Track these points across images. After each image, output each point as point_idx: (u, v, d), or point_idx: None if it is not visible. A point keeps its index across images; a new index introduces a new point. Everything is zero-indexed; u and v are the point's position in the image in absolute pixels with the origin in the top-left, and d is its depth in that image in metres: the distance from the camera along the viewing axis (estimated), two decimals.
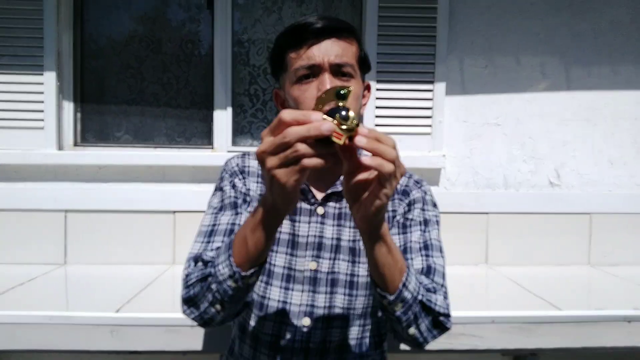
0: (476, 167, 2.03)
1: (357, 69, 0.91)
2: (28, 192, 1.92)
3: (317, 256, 0.94)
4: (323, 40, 0.87)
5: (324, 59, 0.86)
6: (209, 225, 0.93)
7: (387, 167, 0.62)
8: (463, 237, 1.99)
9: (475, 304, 1.52)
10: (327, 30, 0.87)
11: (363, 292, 0.94)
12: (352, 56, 0.89)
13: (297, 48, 0.88)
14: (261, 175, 0.99)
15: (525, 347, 1.37)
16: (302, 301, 0.93)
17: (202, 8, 2.06)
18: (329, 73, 0.86)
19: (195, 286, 0.82)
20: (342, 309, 0.93)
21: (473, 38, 1.99)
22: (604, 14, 2.01)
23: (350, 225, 0.96)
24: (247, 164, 1.00)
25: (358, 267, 0.94)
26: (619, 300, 1.57)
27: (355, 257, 0.95)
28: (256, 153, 0.64)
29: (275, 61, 0.94)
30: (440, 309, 0.85)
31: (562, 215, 2.01)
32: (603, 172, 2.05)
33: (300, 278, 0.93)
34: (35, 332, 1.31)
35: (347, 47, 0.89)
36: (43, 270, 1.82)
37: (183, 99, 2.08)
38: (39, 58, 1.90)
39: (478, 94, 2.01)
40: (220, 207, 0.95)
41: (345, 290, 0.93)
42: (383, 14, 1.95)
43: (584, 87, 2.03)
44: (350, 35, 0.90)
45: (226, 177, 0.98)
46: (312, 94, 0.86)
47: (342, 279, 0.93)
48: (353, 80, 0.89)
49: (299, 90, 0.88)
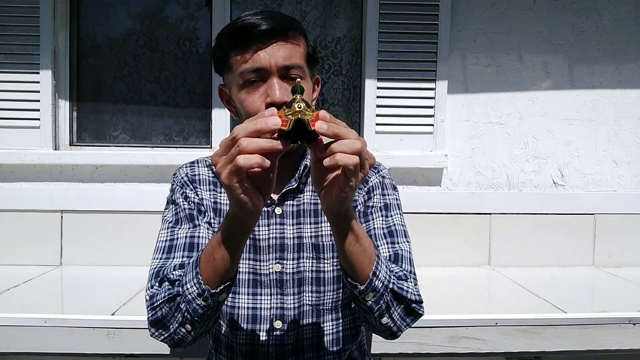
0: (478, 166, 2.01)
1: (305, 69, 0.90)
2: (23, 192, 1.90)
3: (281, 258, 0.93)
4: (269, 43, 0.84)
5: (271, 63, 0.84)
6: (166, 240, 0.90)
7: (349, 160, 0.62)
8: (465, 238, 1.97)
9: (478, 307, 1.51)
10: (274, 32, 0.84)
11: (331, 287, 0.94)
12: (300, 56, 0.88)
13: (242, 51, 0.85)
14: (213, 182, 0.97)
15: (529, 350, 1.36)
16: (272, 305, 0.92)
17: (201, 5, 2.04)
18: (277, 77, 0.85)
19: (162, 307, 0.79)
20: (311, 306, 0.93)
21: (475, 36, 1.97)
22: (607, 12, 1.99)
23: (311, 221, 0.95)
24: (197, 172, 0.98)
25: (323, 263, 0.93)
26: (624, 302, 1.55)
27: (319, 253, 0.94)
28: (211, 157, 0.64)
29: (219, 60, 0.91)
30: (412, 296, 0.84)
31: (565, 216, 1.99)
32: (607, 172, 2.03)
33: (267, 282, 0.92)
34: (30, 335, 1.29)
35: (295, 48, 0.87)
36: (38, 272, 1.80)
37: (181, 97, 2.06)
38: (35, 56, 1.88)
39: (480, 93, 1.99)
40: (175, 221, 0.92)
41: (313, 288, 0.93)
42: (384, 12, 1.93)
43: (588, 85, 2.01)
44: (297, 34, 0.88)
45: (177, 188, 0.95)
46: (260, 99, 0.85)
47: (308, 276, 0.93)
48: (302, 81, 0.88)
49: (246, 94, 0.86)
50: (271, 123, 0.60)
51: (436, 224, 1.96)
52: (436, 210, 1.96)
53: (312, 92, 0.94)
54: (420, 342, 1.33)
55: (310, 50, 0.92)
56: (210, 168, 0.99)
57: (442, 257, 1.96)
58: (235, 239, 0.71)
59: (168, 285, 0.81)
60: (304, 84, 0.88)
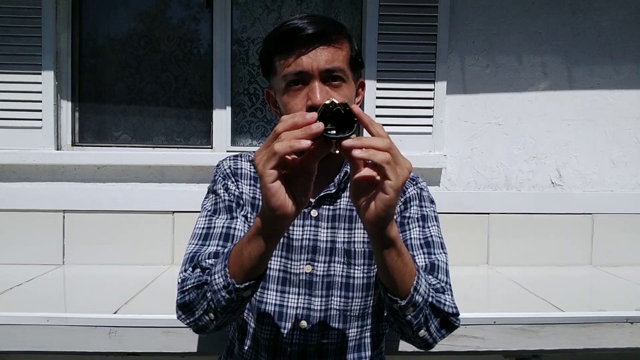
0: (477, 167, 2.02)
1: (348, 72, 0.89)
2: (26, 192, 1.91)
3: (312, 259, 0.93)
4: (312, 47, 0.85)
5: (312, 66, 0.85)
6: (203, 227, 0.92)
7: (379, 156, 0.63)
8: (464, 238, 1.98)
9: (477, 305, 1.51)
10: (317, 36, 0.85)
11: (359, 293, 0.94)
12: (343, 60, 0.88)
13: (286, 55, 0.86)
14: (254, 178, 0.99)
15: (527, 349, 1.36)
16: (299, 304, 0.93)
17: (202, 7, 2.05)
18: (318, 80, 0.85)
19: (191, 292, 0.81)
20: (338, 311, 0.93)
21: (474, 37, 1.98)
22: (605, 12, 1.99)
23: (345, 227, 0.95)
24: (239, 166, 0.99)
25: (354, 269, 0.94)
26: (621, 301, 1.56)
27: (350, 259, 0.94)
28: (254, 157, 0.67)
29: (265, 64, 0.93)
30: (449, 309, 0.85)
31: (564, 216, 2.00)
32: (605, 172, 2.04)
33: (296, 281, 0.93)
34: (32, 334, 1.30)
35: (337, 51, 0.87)
36: (41, 271, 1.80)
37: (182, 98, 2.07)
38: (37, 57, 1.89)
39: (479, 94, 2.00)
40: (214, 210, 0.94)
41: (341, 293, 0.93)
42: (383, 13, 1.93)
43: (586, 86, 2.01)
44: (341, 38, 0.88)
45: (219, 179, 0.97)
46: (302, 102, 0.86)
47: (337, 281, 0.93)
48: (344, 84, 0.88)
49: (287, 97, 0.87)
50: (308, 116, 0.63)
51: None
52: None
53: (355, 96, 0.94)
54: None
55: (354, 54, 0.91)
56: (252, 164, 1.00)
57: None
58: (264, 239, 0.71)
59: (199, 272, 0.82)
60: (347, 88, 0.89)
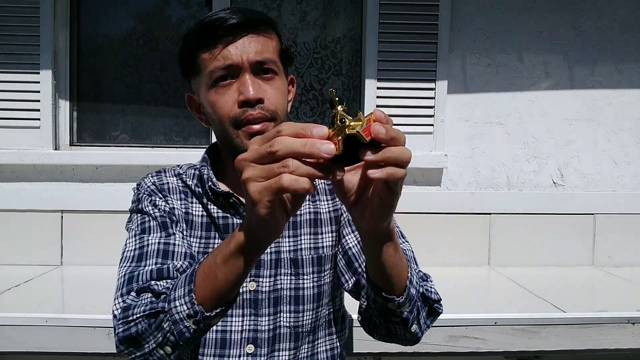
0: (478, 166, 2.01)
1: (279, 65, 0.84)
2: (24, 192, 1.90)
3: (256, 275, 0.85)
4: (239, 37, 0.78)
5: (242, 58, 0.78)
6: (134, 249, 0.80)
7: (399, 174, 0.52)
8: (465, 238, 1.97)
9: (478, 306, 1.51)
10: (243, 25, 0.78)
11: (310, 305, 0.87)
12: (274, 51, 0.82)
13: (211, 48, 0.79)
14: (183, 192, 0.89)
15: (528, 349, 1.36)
16: (244, 327, 0.84)
17: (201, 5, 2.04)
18: (249, 73, 0.79)
19: (139, 323, 0.67)
20: (288, 328, 0.86)
21: (475, 36, 1.97)
22: (607, 12, 1.99)
23: (289, 234, 0.88)
24: (165, 181, 0.90)
25: (303, 280, 0.87)
26: (623, 302, 1.56)
27: (298, 268, 0.87)
28: (236, 159, 0.55)
29: (186, 63, 0.85)
30: (435, 296, 0.81)
31: (565, 216, 1.99)
32: (606, 172, 2.03)
33: (239, 302, 0.84)
34: (31, 334, 1.29)
35: (267, 41, 0.81)
36: (39, 272, 1.80)
37: (181, 97, 2.05)
38: (35, 56, 1.88)
39: (480, 93, 2.00)
40: (142, 230, 0.82)
41: (291, 307, 0.86)
42: (384, 12, 1.93)
43: (588, 86, 2.01)
44: (269, 28, 0.83)
45: (144, 197, 0.86)
46: (232, 98, 0.79)
47: (285, 295, 0.86)
48: (277, 77, 0.82)
49: (216, 94, 0.80)
50: (324, 150, 0.49)
51: (436, 224, 1.96)
52: (436, 210, 1.96)
53: (287, 93, 0.87)
54: (420, 341, 1.33)
55: (284, 47, 0.85)
56: (180, 177, 0.91)
57: (442, 257, 1.96)
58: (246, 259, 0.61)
59: (150, 298, 0.70)
60: (280, 82, 0.83)
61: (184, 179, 0.91)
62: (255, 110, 0.79)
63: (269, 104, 0.80)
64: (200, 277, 0.64)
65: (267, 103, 0.80)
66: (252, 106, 0.78)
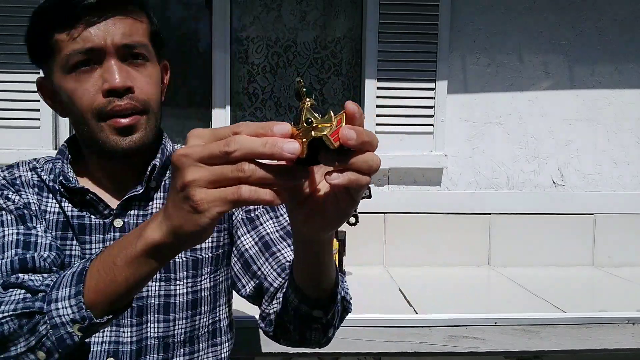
0: (478, 166, 2.01)
1: (151, 49, 0.77)
2: None
3: None
4: (104, 18, 0.70)
5: (107, 41, 0.69)
6: None
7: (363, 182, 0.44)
8: (465, 238, 1.97)
9: (478, 306, 1.51)
10: (108, 4, 0.70)
11: (184, 314, 0.78)
12: (144, 34, 0.75)
13: (69, 28, 0.69)
14: (38, 186, 0.79)
15: (528, 350, 1.36)
16: (104, 339, 0.75)
17: (201, 5, 2.04)
18: (115, 58, 0.70)
19: (8, 322, 0.58)
20: (157, 339, 0.77)
21: (475, 36, 1.97)
22: (607, 12, 1.99)
23: None
24: (17, 175, 0.80)
25: (174, 286, 0.78)
26: (623, 302, 1.55)
27: (169, 273, 0.78)
28: (176, 154, 0.46)
29: (37, 44, 0.74)
30: (349, 297, 0.75)
31: (565, 216, 1.99)
32: (607, 172, 2.03)
33: None
34: None
35: (136, 23, 0.73)
36: None
37: (181, 97, 2.06)
38: None
39: (480, 93, 2.00)
40: None
41: (159, 317, 0.77)
42: (384, 12, 1.93)
43: (588, 86, 2.01)
44: (138, 9, 0.75)
45: None
46: (95, 86, 0.70)
47: (153, 303, 0.77)
48: (148, 64, 0.75)
49: (75, 81, 0.71)
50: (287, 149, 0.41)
51: (436, 224, 1.96)
52: (436, 210, 1.96)
53: (160, 81, 0.80)
54: (420, 341, 1.33)
55: (155, 29, 0.78)
56: (35, 171, 0.81)
57: (441, 257, 1.96)
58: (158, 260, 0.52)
59: (23, 294, 0.60)
60: (151, 68, 0.75)
61: (39, 172, 0.81)
62: (124, 101, 0.71)
63: (140, 94, 0.73)
64: (92, 278, 0.55)
65: (137, 92, 0.73)
66: (120, 96, 0.71)
